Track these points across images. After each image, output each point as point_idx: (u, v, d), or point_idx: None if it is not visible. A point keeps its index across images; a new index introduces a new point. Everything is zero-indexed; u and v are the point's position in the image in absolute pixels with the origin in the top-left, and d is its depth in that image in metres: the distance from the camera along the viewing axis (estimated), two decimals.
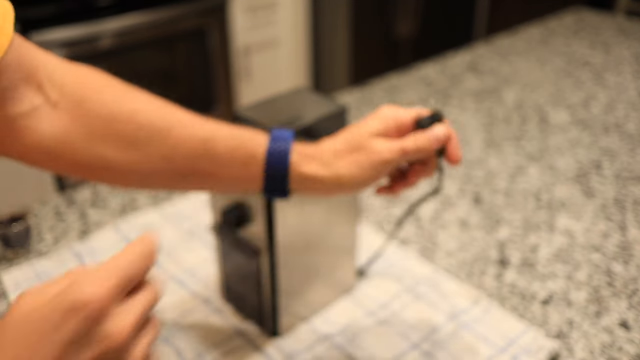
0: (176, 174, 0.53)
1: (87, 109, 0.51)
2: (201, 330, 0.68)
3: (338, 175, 0.53)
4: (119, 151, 0.51)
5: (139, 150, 0.51)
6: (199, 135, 0.52)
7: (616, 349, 0.66)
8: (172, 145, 0.52)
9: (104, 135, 0.51)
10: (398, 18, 2.54)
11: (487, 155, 1.05)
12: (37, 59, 0.51)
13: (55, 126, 0.50)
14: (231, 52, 2.21)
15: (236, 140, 0.53)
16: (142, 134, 0.51)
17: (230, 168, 0.53)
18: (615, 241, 0.84)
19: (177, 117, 0.53)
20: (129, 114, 0.52)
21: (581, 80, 1.35)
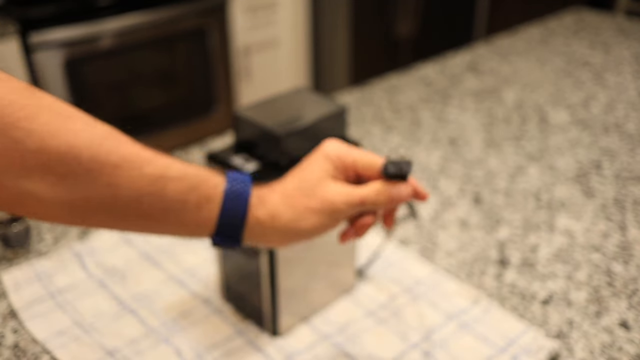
0: (117, 215, 0.46)
1: (14, 139, 0.42)
2: (201, 330, 0.68)
3: (293, 221, 0.49)
4: (51, 189, 0.43)
5: (76, 188, 0.44)
6: (147, 174, 0.46)
7: (616, 349, 0.66)
8: (115, 185, 0.44)
9: (35, 171, 0.43)
10: (398, 18, 2.54)
11: (487, 155, 1.05)
12: None
13: None
14: (231, 52, 2.21)
15: (189, 180, 0.47)
16: (80, 170, 0.43)
17: (180, 212, 0.47)
18: (615, 241, 0.84)
19: (124, 152, 0.45)
20: (65, 148, 0.43)
21: (581, 80, 1.35)
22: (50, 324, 0.68)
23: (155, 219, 0.47)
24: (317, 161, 0.51)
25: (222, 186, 0.48)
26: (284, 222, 0.49)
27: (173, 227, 0.48)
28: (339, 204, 0.49)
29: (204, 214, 0.47)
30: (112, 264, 0.78)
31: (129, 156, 0.45)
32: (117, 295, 0.73)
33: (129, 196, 0.45)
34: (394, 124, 1.16)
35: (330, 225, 0.50)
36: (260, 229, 0.49)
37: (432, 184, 0.97)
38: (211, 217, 0.48)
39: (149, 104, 2.13)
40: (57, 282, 0.74)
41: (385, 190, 0.50)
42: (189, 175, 0.47)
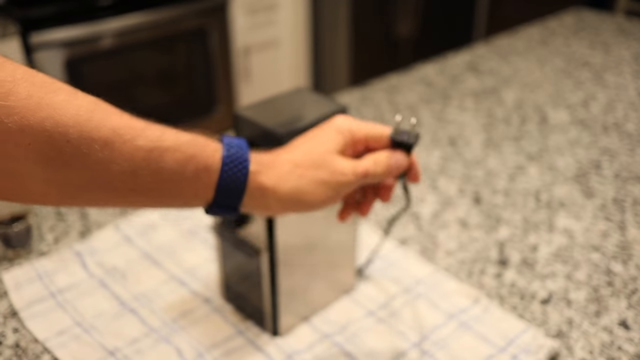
0: (111, 192, 0.44)
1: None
2: (201, 330, 0.68)
3: (299, 191, 0.48)
4: (39, 170, 0.40)
5: (64, 167, 0.41)
6: (141, 146, 0.43)
7: (615, 348, 0.66)
8: (107, 160, 0.42)
9: (18, 152, 0.39)
10: (398, 18, 2.54)
11: (487, 155, 1.05)
12: None
13: None
14: (232, 53, 2.21)
15: (185, 149, 0.45)
16: (69, 149, 0.40)
17: (177, 183, 0.45)
18: (615, 241, 0.84)
19: (114, 124, 0.42)
20: (52, 126, 0.39)
21: (581, 80, 1.35)
22: (51, 323, 0.69)
23: (151, 192, 0.45)
24: (328, 134, 0.50)
25: (219, 152, 0.47)
26: (288, 190, 0.48)
27: (169, 199, 0.46)
28: (349, 175, 0.49)
29: (201, 183, 0.46)
30: (113, 263, 0.78)
31: (119, 129, 0.42)
32: (117, 295, 0.73)
33: (123, 171, 0.42)
34: (393, 124, 1.16)
35: (334, 199, 0.50)
36: (262, 195, 0.48)
37: (432, 184, 0.97)
38: (209, 185, 0.46)
39: (149, 104, 2.13)
40: (57, 282, 0.75)
41: (384, 158, 0.50)
42: (184, 144, 0.45)
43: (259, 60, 2.33)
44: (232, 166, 0.46)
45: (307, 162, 0.49)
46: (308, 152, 0.49)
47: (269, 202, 0.48)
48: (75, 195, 0.43)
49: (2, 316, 0.70)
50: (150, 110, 2.37)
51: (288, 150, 0.50)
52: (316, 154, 0.49)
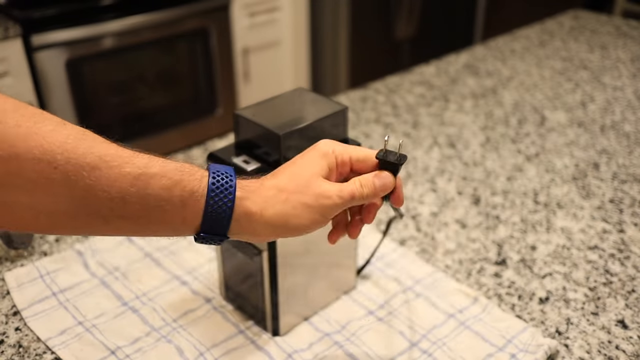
0: (99, 220, 0.44)
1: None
2: (202, 330, 0.69)
3: (285, 215, 0.47)
4: (29, 197, 0.41)
5: (56, 195, 0.41)
6: (128, 172, 0.43)
7: (614, 347, 0.67)
8: (94, 187, 0.42)
9: (8, 181, 0.40)
10: (398, 19, 2.55)
11: (486, 156, 1.06)
12: None
13: None
14: (232, 54, 2.22)
15: (172, 176, 0.45)
16: (57, 175, 0.41)
17: (164, 210, 0.45)
18: (613, 241, 0.84)
19: (101, 152, 0.43)
20: (41, 153, 0.40)
21: (579, 81, 1.36)
22: (52, 323, 0.69)
23: (139, 219, 0.45)
24: (312, 158, 0.50)
25: (206, 179, 0.47)
26: (274, 214, 0.47)
27: (158, 226, 0.46)
28: (334, 198, 0.48)
29: (188, 210, 0.46)
30: (114, 263, 0.78)
31: (106, 156, 0.43)
32: (119, 295, 0.73)
33: (111, 198, 0.43)
34: (393, 124, 1.17)
35: (321, 223, 0.49)
36: (248, 221, 0.47)
37: (431, 185, 0.97)
38: (196, 212, 0.46)
39: (150, 104, 2.13)
40: (59, 282, 0.75)
41: (370, 180, 0.50)
42: (170, 171, 0.45)
43: (259, 61, 2.33)
44: (218, 192, 0.46)
45: (291, 186, 0.48)
46: (293, 176, 0.49)
47: (256, 228, 0.48)
48: (65, 224, 0.44)
49: (4, 316, 0.70)
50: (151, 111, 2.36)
51: (273, 175, 0.50)
52: (301, 178, 0.49)
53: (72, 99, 1.88)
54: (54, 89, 1.84)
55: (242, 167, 0.62)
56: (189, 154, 1.06)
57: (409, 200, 0.93)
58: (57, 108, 1.87)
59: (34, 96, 1.81)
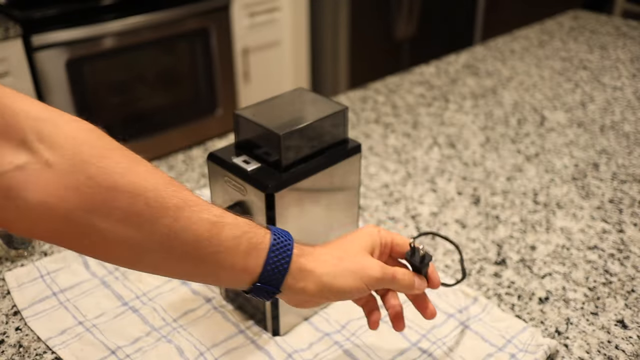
0: (174, 258, 0.48)
1: (90, 174, 0.43)
2: (202, 329, 0.69)
3: (334, 275, 0.53)
4: (118, 226, 0.45)
5: (139, 227, 0.46)
6: (206, 219, 0.48)
7: (613, 347, 0.67)
8: (176, 227, 0.47)
9: (106, 206, 0.44)
10: (398, 19, 2.55)
11: (485, 156, 1.06)
12: (16, 109, 0.42)
13: (49, 192, 0.42)
14: (233, 54, 2.22)
15: (240, 228, 0.50)
16: (148, 211, 0.45)
17: (231, 256, 0.49)
18: (612, 241, 0.84)
19: (185, 197, 0.48)
20: (136, 187, 0.45)
21: (578, 81, 1.36)
22: (53, 322, 0.69)
23: (208, 262, 0.49)
24: (360, 236, 0.57)
25: (269, 235, 0.52)
26: (325, 274, 0.53)
27: (222, 272, 0.50)
28: (376, 271, 0.54)
29: (252, 260, 0.50)
30: None
31: (189, 201, 0.48)
32: (119, 295, 0.74)
33: (188, 239, 0.47)
34: (393, 124, 1.17)
35: (362, 291, 0.54)
36: (302, 276, 0.52)
37: (431, 185, 0.97)
38: (258, 263, 0.51)
39: (150, 104, 2.13)
40: (60, 282, 0.75)
41: (411, 275, 0.57)
42: (240, 223, 0.50)
43: (259, 61, 2.33)
44: (279, 247, 0.51)
45: (342, 253, 0.55)
46: (343, 247, 0.56)
47: (307, 284, 0.52)
48: (142, 258, 0.48)
49: (5, 315, 0.71)
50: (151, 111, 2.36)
51: (324, 245, 0.56)
52: (350, 250, 0.55)
53: (72, 99, 1.88)
54: (54, 89, 1.84)
55: (242, 167, 0.62)
56: (189, 154, 1.06)
57: (409, 200, 0.93)
58: (58, 108, 1.87)
59: (35, 96, 1.82)
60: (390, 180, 0.99)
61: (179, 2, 2.02)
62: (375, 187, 0.97)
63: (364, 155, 1.05)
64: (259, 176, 0.61)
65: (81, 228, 0.44)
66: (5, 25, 1.68)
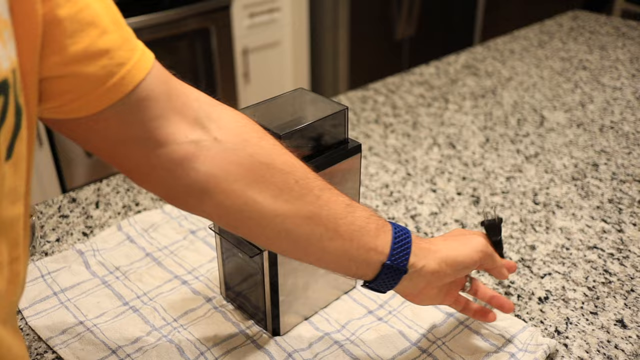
0: (317, 233, 0.52)
1: (251, 152, 0.50)
2: (203, 329, 0.69)
3: (451, 249, 0.58)
4: (272, 199, 0.50)
5: (291, 203, 0.51)
6: (342, 201, 0.54)
7: (613, 347, 0.67)
8: (320, 205, 0.52)
9: (263, 181, 0.50)
10: (398, 19, 2.55)
11: (485, 156, 1.06)
12: (189, 94, 0.50)
13: (216, 164, 0.48)
14: (233, 54, 2.22)
15: (368, 211, 0.56)
16: (297, 188, 0.51)
17: (364, 234, 0.54)
18: (612, 241, 0.85)
19: (323, 181, 0.54)
20: (288, 166, 0.52)
21: (578, 82, 1.36)
22: (53, 322, 0.69)
23: (345, 238, 0.53)
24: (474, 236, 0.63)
25: (387, 221, 0.57)
26: (442, 249, 0.58)
27: (354, 251, 0.54)
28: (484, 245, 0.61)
29: (380, 239, 0.55)
30: (115, 263, 0.78)
31: (326, 184, 0.54)
32: (120, 294, 0.74)
33: (328, 215, 0.53)
34: (393, 124, 1.17)
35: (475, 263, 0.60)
36: (423, 254, 0.57)
37: (431, 185, 0.98)
38: (386, 241, 0.55)
39: None
40: (60, 282, 0.75)
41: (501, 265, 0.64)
42: (367, 208, 0.56)
43: (259, 61, 2.33)
44: (400, 229, 0.57)
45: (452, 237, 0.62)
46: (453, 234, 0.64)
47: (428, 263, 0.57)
48: (292, 230, 0.52)
49: None
50: None
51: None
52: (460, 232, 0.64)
53: None
54: None
55: None
56: None
57: (409, 200, 0.93)
58: None
59: None
60: (390, 180, 0.99)
61: (179, 2, 2.02)
62: (375, 187, 0.97)
63: (364, 155, 1.05)
64: None
65: (241, 198, 0.49)
66: None
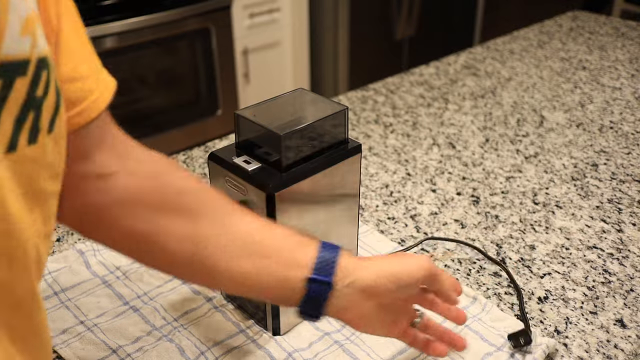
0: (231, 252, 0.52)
1: (162, 182, 0.54)
2: (203, 329, 0.69)
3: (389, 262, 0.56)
4: (179, 222, 0.52)
5: (198, 225, 0.52)
6: (258, 220, 0.55)
7: (612, 346, 0.67)
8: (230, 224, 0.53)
9: (172, 206, 0.53)
10: (398, 19, 2.55)
11: (485, 156, 1.06)
12: (119, 135, 0.55)
13: (128, 191, 0.52)
14: (234, 54, 2.22)
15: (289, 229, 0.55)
16: (204, 211, 0.53)
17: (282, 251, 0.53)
18: (611, 241, 0.85)
19: (234, 205, 0.55)
20: (197, 191, 0.55)
21: (577, 82, 1.37)
22: (54, 322, 0.69)
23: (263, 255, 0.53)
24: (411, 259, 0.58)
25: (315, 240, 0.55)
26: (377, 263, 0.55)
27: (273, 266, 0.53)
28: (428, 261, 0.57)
29: (302, 253, 0.53)
30: (116, 263, 0.79)
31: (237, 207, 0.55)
32: (120, 294, 0.74)
33: (243, 233, 0.53)
34: (393, 124, 1.18)
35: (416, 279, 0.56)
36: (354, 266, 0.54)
37: (431, 185, 0.98)
38: (309, 255, 0.53)
39: (151, 105, 2.14)
40: (61, 281, 0.75)
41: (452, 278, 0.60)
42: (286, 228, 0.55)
43: (259, 61, 2.34)
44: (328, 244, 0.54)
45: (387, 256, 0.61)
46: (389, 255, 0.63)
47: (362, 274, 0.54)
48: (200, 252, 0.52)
49: None
50: (152, 111, 2.36)
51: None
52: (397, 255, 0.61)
53: None
54: None
55: (243, 167, 0.62)
56: (189, 154, 1.06)
57: (408, 200, 0.94)
58: None
59: None
60: (390, 181, 0.99)
61: (180, 2, 2.02)
62: (375, 187, 0.97)
63: (364, 155, 1.06)
64: (260, 176, 0.61)
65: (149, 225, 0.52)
66: None
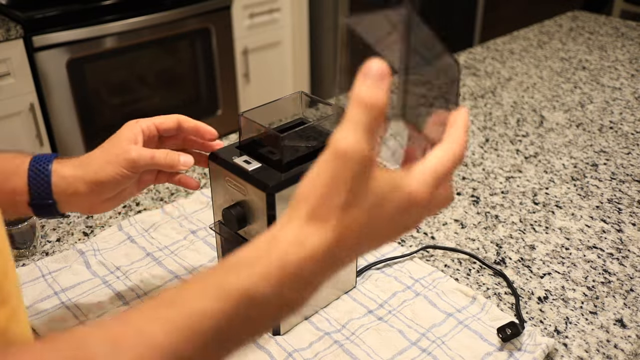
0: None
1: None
2: None
3: (95, 171, 0.59)
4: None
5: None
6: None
7: (612, 346, 0.67)
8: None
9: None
10: None
11: (485, 156, 1.07)
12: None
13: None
14: (233, 54, 2.22)
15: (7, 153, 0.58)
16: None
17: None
18: (611, 241, 0.85)
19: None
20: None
21: (577, 82, 1.37)
22: (54, 322, 0.69)
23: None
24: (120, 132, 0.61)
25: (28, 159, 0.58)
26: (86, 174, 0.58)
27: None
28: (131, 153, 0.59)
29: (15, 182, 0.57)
30: (116, 263, 0.79)
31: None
32: (120, 294, 0.74)
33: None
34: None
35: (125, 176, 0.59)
36: (68, 181, 0.58)
37: None
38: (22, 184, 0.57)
39: (151, 105, 2.14)
40: (61, 281, 0.75)
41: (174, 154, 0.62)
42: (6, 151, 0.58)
43: (259, 62, 2.34)
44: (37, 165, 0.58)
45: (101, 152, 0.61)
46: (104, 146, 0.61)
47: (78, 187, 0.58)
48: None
49: None
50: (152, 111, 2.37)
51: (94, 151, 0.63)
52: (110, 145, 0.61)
53: (73, 100, 1.89)
54: (55, 90, 1.85)
55: (243, 167, 0.63)
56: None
57: None
58: (59, 108, 1.88)
59: (36, 97, 1.82)
60: None
61: (180, 2, 2.02)
62: None
63: None
64: (260, 176, 0.62)
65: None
66: (6, 26, 1.69)
